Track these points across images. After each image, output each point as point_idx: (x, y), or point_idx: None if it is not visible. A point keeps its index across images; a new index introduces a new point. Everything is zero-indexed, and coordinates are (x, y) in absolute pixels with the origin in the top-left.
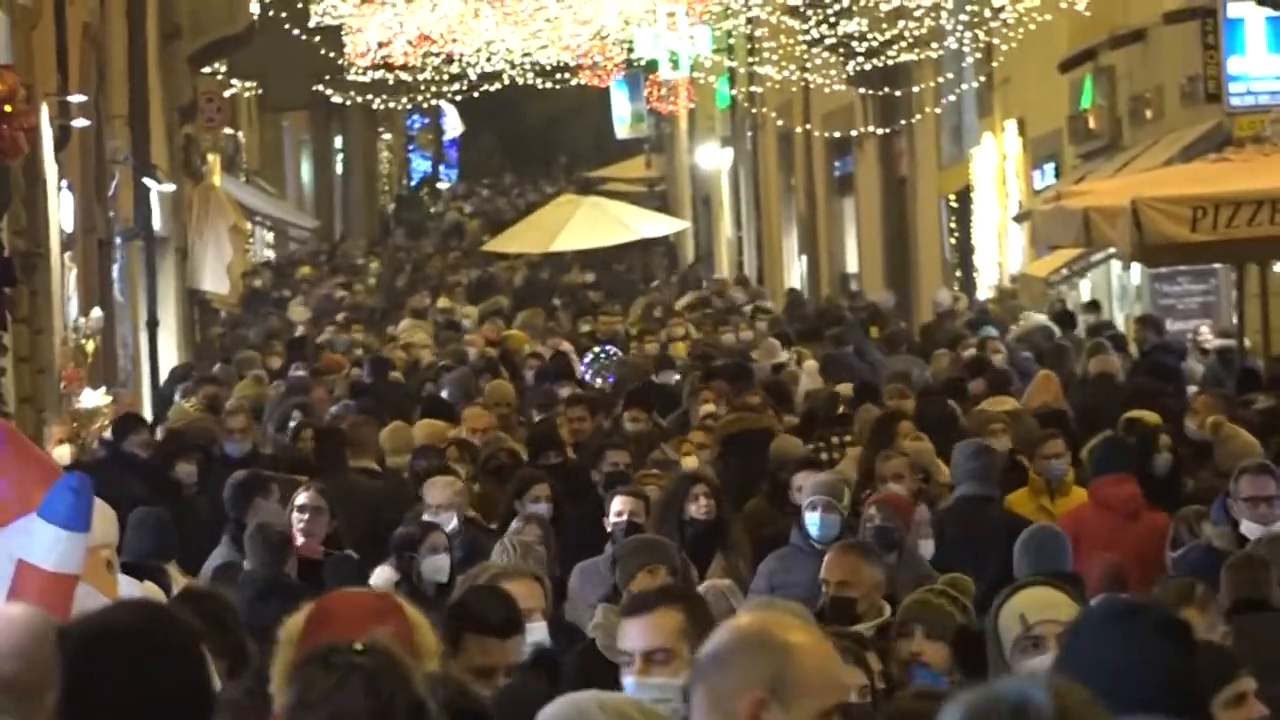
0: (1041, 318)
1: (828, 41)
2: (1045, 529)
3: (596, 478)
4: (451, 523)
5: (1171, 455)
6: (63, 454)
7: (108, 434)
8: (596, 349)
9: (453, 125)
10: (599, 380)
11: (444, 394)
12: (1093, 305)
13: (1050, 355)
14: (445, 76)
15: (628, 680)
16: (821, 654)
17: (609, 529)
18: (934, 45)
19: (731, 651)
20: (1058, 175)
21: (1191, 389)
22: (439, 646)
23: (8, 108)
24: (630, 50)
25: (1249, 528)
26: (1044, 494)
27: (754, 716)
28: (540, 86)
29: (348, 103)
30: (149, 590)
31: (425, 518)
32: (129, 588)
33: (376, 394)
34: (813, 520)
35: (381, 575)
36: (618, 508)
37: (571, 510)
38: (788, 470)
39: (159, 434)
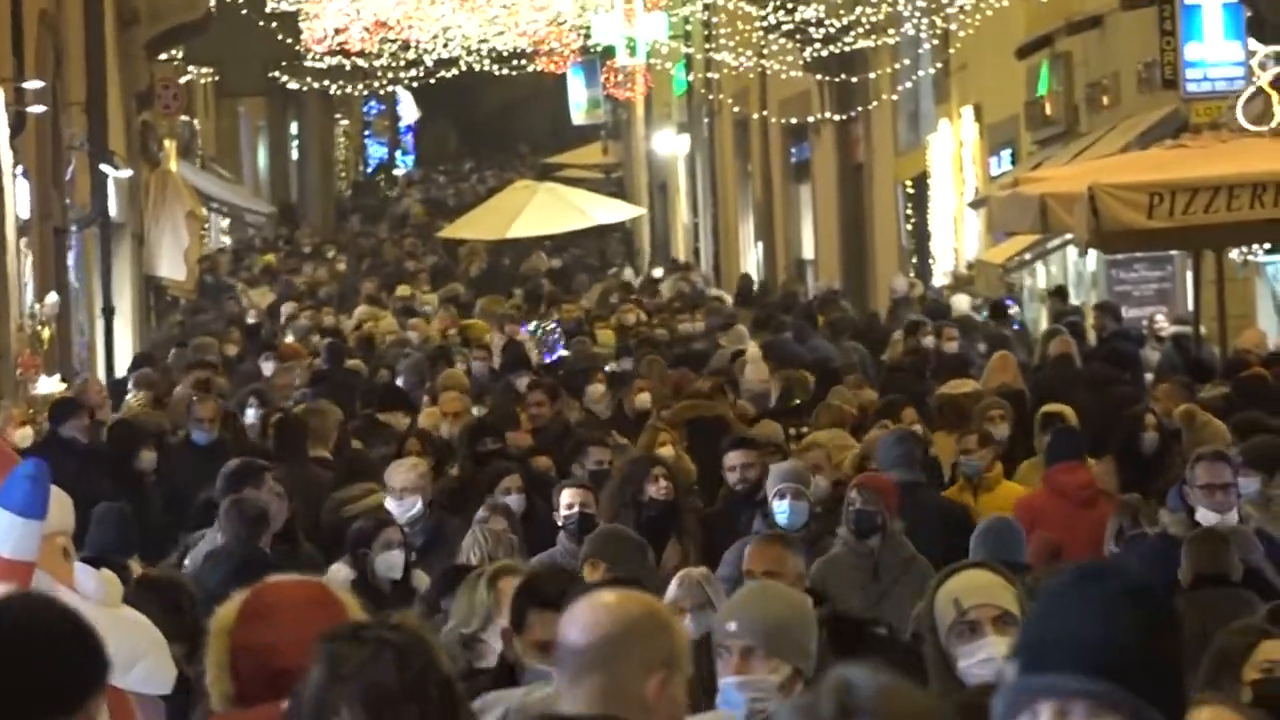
0: (964, 304)
1: (784, 28)
2: (1000, 520)
3: (579, 473)
4: (415, 507)
5: (1158, 434)
6: (25, 435)
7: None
8: (535, 322)
9: (409, 111)
10: (535, 352)
11: (399, 381)
12: (1059, 291)
13: (994, 343)
14: (402, 63)
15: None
16: (683, 624)
17: (560, 522)
18: (891, 31)
19: (630, 637)
20: (1014, 161)
21: (1148, 376)
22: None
23: None
24: (587, 36)
25: (1205, 515)
26: (966, 491)
27: (659, 695)
28: (497, 73)
29: (304, 89)
30: (106, 578)
31: (388, 501)
32: (85, 576)
33: (334, 382)
34: (781, 509)
35: (337, 573)
36: (567, 500)
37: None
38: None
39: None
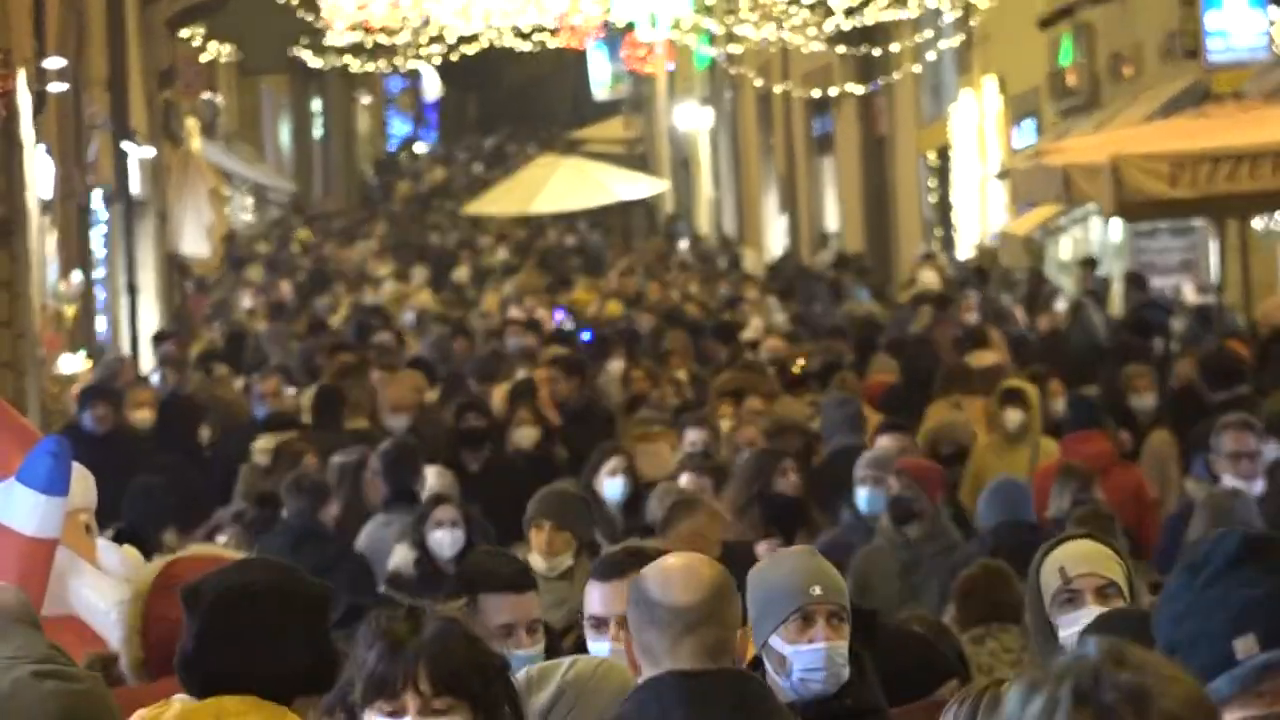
0: (933, 280)
1: (806, 0)
2: (1008, 480)
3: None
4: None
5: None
6: (144, 418)
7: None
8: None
9: (431, 88)
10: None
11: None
12: (1088, 262)
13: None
14: (424, 39)
15: (602, 645)
16: None
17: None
18: (912, 3)
19: (728, 594)
20: (1038, 132)
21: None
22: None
23: None
24: (608, 11)
25: (1230, 483)
26: None
27: (743, 650)
28: (519, 49)
29: (326, 67)
30: (130, 555)
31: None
32: (108, 552)
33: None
34: (861, 495)
35: (399, 554)
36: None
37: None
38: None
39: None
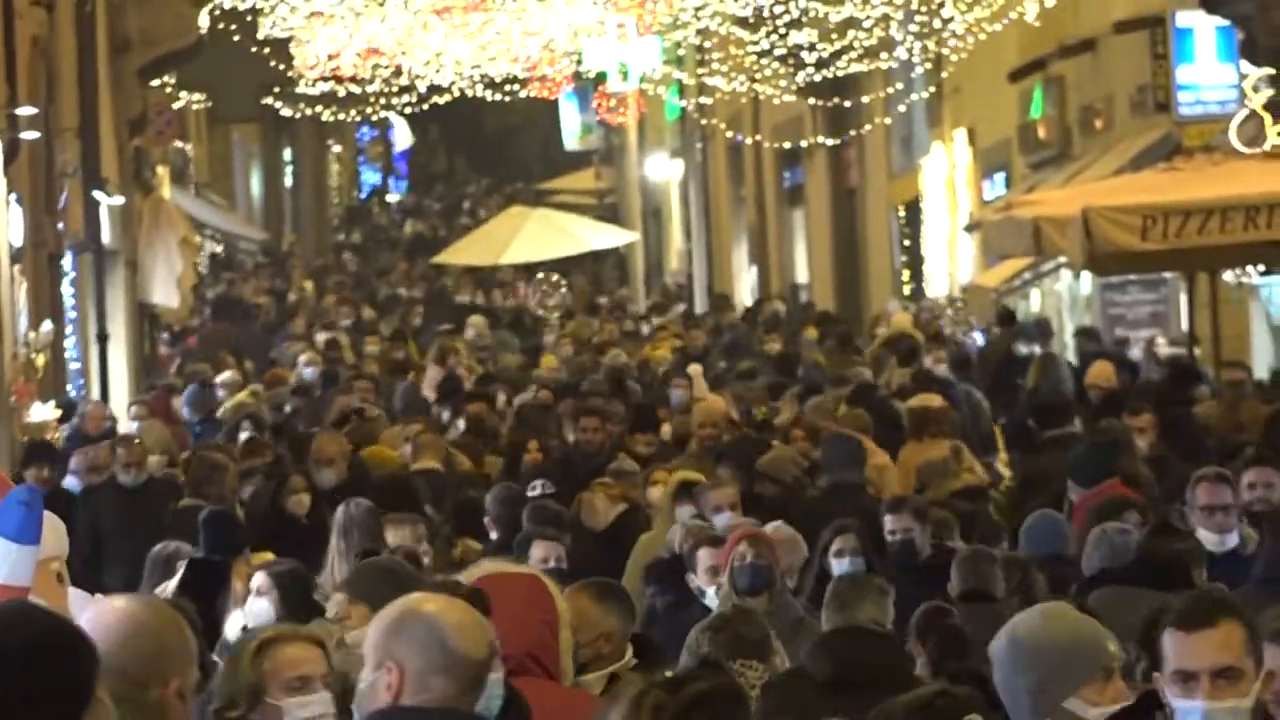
0: (906, 323)
1: (777, 52)
2: (1046, 514)
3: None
4: None
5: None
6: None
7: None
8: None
9: (402, 137)
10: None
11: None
12: (1042, 323)
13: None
14: (394, 89)
15: (1194, 703)
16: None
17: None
18: (884, 55)
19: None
20: (1008, 185)
21: None
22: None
23: None
24: (579, 62)
25: (1205, 536)
26: None
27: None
28: (490, 99)
29: (297, 115)
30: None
31: None
32: (79, 600)
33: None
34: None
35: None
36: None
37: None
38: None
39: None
